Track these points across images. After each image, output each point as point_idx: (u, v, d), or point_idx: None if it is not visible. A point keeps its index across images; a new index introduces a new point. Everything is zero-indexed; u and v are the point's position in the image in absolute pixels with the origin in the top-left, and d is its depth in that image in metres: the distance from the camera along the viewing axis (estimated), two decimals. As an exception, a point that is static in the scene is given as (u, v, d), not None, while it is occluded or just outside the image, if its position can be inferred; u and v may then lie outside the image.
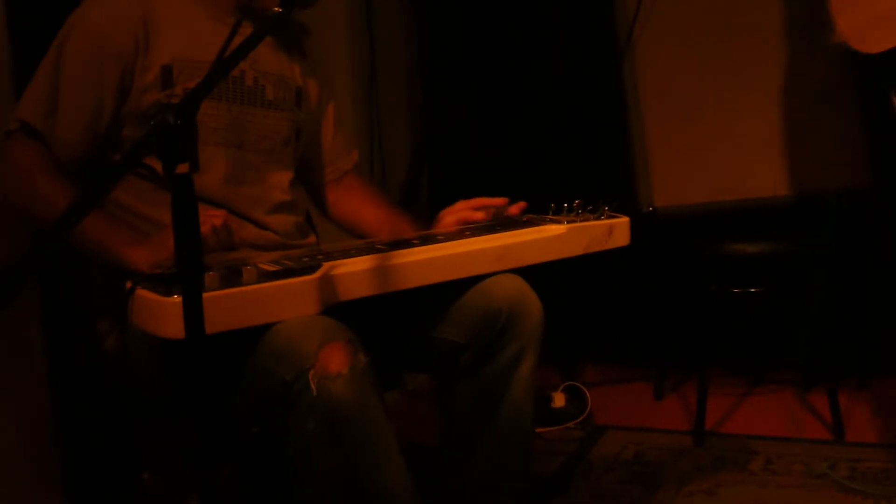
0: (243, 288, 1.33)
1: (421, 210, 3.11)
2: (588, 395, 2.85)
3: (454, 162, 3.23)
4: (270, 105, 1.72)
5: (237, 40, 1.25)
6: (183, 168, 1.08)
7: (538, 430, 2.66)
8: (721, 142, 2.73)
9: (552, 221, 1.69)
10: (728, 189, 2.72)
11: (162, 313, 1.30)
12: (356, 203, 1.91)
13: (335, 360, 1.35)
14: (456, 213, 1.74)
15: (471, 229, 1.67)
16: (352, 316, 1.44)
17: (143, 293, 1.33)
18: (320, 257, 1.48)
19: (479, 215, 1.73)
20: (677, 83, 2.75)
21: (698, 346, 2.59)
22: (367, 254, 1.49)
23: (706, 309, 2.58)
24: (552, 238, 1.65)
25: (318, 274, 1.39)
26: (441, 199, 1.79)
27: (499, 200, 1.74)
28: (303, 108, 1.80)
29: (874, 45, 1.85)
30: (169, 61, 1.58)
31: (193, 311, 1.11)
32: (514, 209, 1.74)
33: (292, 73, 1.77)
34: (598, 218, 1.71)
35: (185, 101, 1.10)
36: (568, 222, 1.68)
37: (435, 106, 3.28)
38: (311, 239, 1.80)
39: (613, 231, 1.71)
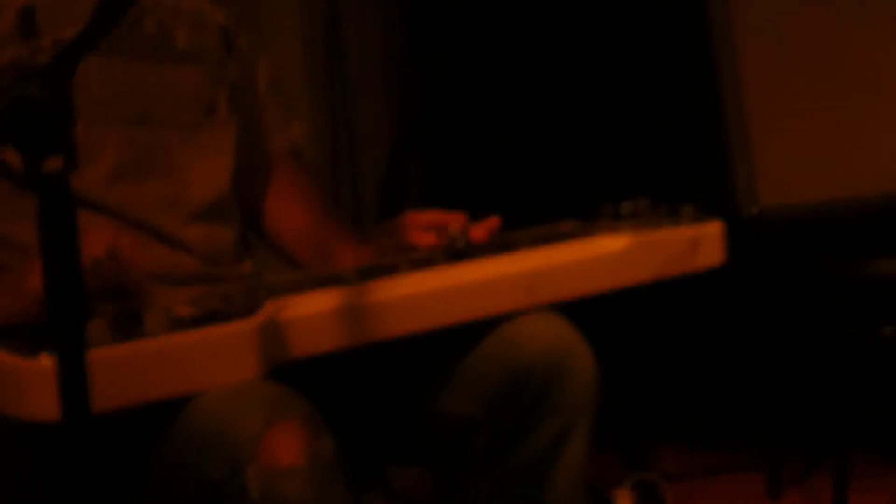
0: (146, 341, 1.34)
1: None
2: (667, 492, 2.84)
3: (457, 145, 3.24)
4: (186, 57, 1.74)
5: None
6: (54, 163, 1.09)
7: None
8: (858, 111, 2.74)
9: (607, 231, 1.70)
10: (868, 180, 2.72)
11: (24, 384, 1.30)
12: (277, 204, 1.92)
13: (287, 448, 1.36)
14: (394, 233, 1.74)
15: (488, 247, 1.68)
16: (311, 381, 1.45)
17: (-7, 354, 1.33)
18: (261, 293, 1.48)
19: (428, 239, 1.72)
20: (793, 26, 2.76)
21: (833, 416, 2.59)
22: (333, 286, 1.50)
23: (843, 361, 2.58)
24: (607, 257, 1.66)
25: (258, 318, 1.40)
26: (438, 203, 1.80)
27: (455, 217, 1.71)
28: (234, 57, 1.81)
29: None
30: (30, 0, 1.60)
31: (74, 379, 1.11)
32: (480, 230, 1.70)
33: (211, 8, 1.80)
34: (677, 224, 1.72)
35: (56, 63, 1.11)
36: (631, 232, 1.69)
37: (427, 61, 3.29)
38: (248, 265, 1.81)
39: (700, 244, 1.72)
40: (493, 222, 1.72)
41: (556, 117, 3.16)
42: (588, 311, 1.65)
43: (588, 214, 1.77)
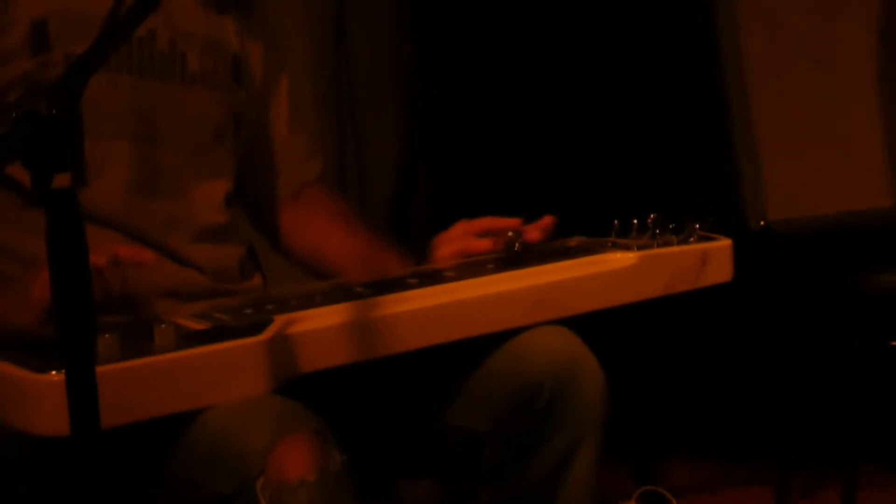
0: (156, 357, 1.33)
1: (417, 236, 3.11)
2: (676, 506, 2.84)
3: (466, 161, 3.24)
4: (195, 80, 1.74)
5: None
6: (63, 180, 1.08)
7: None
8: (867, 123, 2.74)
9: (616, 247, 1.70)
10: (876, 193, 2.72)
11: (33, 398, 1.29)
12: (317, 228, 1.92)
13: (296, 462, 1.35)
14: (452, 242, 1.75)
15: (494, 261, 1.68)
16: (320, 396, 1.44)
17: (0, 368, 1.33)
18: (270, 307, 1.48)
19: (485, 244, 1.73)
20: (801, 40, 2.76)
21: (841, 428, 2.58)
22: (342, 301, 1.50)
23: (852, 374, 2.57)
24: (616, 273, 1.66)
25: (267, 333, 1.40)
26: (446, 219, 1.80)
27: (510, 221, 1.74)
28: (243, 86, 1.81)
29: None
30: (42, 14, 1.60)
31: (83, 394, 1.10)
32: (535, 231, 1.73)
33: (224, 35, 1.79)
34: (686, 241, 1.72)
35: (66, 79, 1.11)
36: (639, 248, 1.68)
37: (436, 75, 3.29)
38: (256, 280, 1.81)
39: (708, 260, 1.72)
40: (546, 222, 1.73)
41: (564, 130, 3.15)
42: (596, 326, 1.65)
43: (597, 230, 1.76)
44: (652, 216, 1.73)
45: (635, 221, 1.74)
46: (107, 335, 1.32)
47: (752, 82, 2.80)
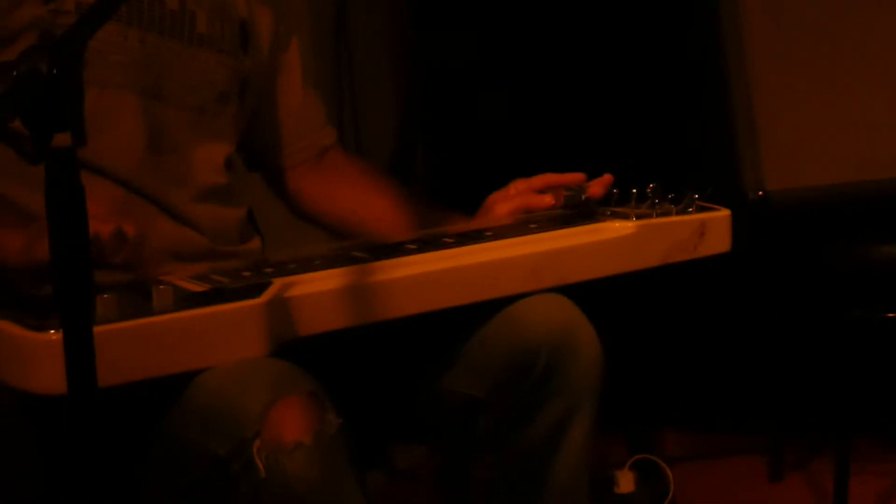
0: (154, 318, 1.33)
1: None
2: (669, 474, 2.84)
3: (464, 134, 3.23)
4: (203, 41, 1.73)
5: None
6: (62, 139, 1.08)
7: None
8: (865, 94, 2.73)
9: (615, 216, 1.70)
10: (876, 165, 2.72)
11: (31, 357, 1.30)
12: (349, 190, 1.93)
13: (292, 425, 1.36)
14: (511, 199, 1.75)
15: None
16: (316, 359, 1.45)
17: (-2, 325, 1.33)
18: (269, 271, 1.48)
19: (547, 200, 1.74)
20: (800, 9, 2.75)
21: (835, 400, 2.58)
22: (339, 265, 1.50)
23: (847, 344, 2.57)
24: (615, 241, 1.66)
25: (265, 296, 1.40)
26: (444, 191, 1.80)
27: (575, 176, 1.75)
28: (250, 54, 1.81)
29: None
30: None
31: (80, 354, 1.10)
32: (597, 186, 1.75)
33: (234, 4, 1.80)
34: (684, 210, 1.72)
35: (68, 36, 1.10)
36: (638, 217, 1.68)
37: (434, 49, 3.28)
38: (255, 243, 1.81)
39: (706, 230, 1.72)
40: (607, 178, 1.75)
41: (563, 101, 3.15)
42: (593, 294, 1.65)
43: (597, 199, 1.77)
44: (651, 186, 1.73)
45: (634, 191, 1.73)
46: (105, 295, 1.33)
47: (751, 51, 2.80)
